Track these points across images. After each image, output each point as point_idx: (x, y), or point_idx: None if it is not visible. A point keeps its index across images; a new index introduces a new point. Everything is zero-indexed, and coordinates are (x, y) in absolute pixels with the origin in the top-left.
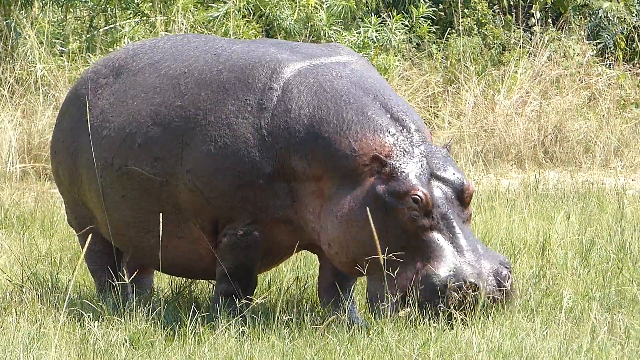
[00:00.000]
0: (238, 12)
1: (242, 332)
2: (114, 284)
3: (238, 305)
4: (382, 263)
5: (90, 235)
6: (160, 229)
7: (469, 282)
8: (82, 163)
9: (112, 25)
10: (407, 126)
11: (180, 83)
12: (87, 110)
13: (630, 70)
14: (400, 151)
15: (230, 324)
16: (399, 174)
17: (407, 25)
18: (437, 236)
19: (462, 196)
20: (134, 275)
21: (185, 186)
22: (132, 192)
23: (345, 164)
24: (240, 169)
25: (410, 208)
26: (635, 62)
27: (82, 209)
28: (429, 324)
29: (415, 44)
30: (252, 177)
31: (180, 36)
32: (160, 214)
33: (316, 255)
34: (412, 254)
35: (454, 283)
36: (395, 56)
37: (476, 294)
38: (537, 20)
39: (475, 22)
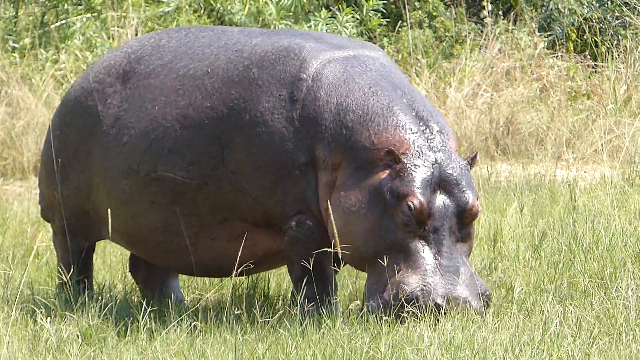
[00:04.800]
0: (189, 6)
1: (193, 327)
2: (65, 280)
3: (322, 306)
4: (371, 259)
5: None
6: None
7: (436, 303)
8: (98, 172)
9: (63, 22)
10: (430, 126)
11: (205, 83)
12: (99, 119)
13: (581, 62)
14: (416, 152)
15: (181, 319)
16: (405, 174)
17: (357, 19)
18: (423, 247)
19: (463, 215)
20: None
21: (232, 187)
22: (163, 197)
23: (363, 155)
24: (279, 163)
25: (404, 213)
26: (586, 53)
27: (92, 218)
28: (381, 317)
29: (366, 37)
30: (288, 169)
31: (183, 31)
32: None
33: None
34: (395, 256)
35: (421, 299)
36: None
37: (439, 315)
38: (489, 12)
39: (426, 15)
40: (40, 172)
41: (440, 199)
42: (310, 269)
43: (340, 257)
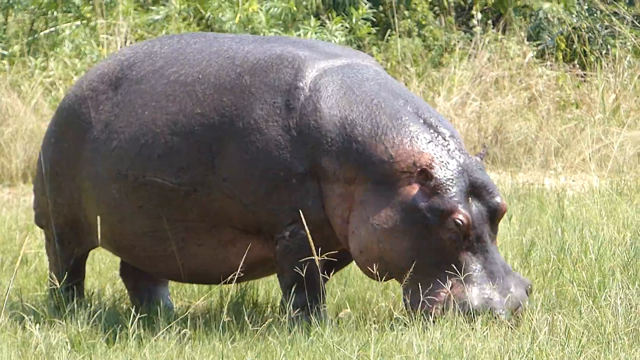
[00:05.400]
0: (178, 15)
1: (182, 334)
2: (55, 287)
3: (312, 314)
4: (416, 275)
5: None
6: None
7: (499, 316)
8: (88, 177)
9: (52, 29)
10: (441, 132)
11: (196, 90)
12: (92, 126)
13: (570, 71)
14: (441, 162)
15: (170, 326)
16: (443, 191)
17: (347, 27)
18: (471, 258)
19: (495, 216)
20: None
21: (223, 194)
22: (151, 202)
23: (382, 170)
24: (273, 171)
25: (451, 230)
26: (575, 63)
27: (83, 225)
28: (370, 325)
29: (355, 46)
30: (285, 177)
31: (176, 37)
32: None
33: None
34: (444, 272)
35: (484, 313)
36: None
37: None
38: (478, 21)
39: (415, 24)
40: (35, 179)
41: (475, 206)
42: (302, 277)
43: (362, 270)
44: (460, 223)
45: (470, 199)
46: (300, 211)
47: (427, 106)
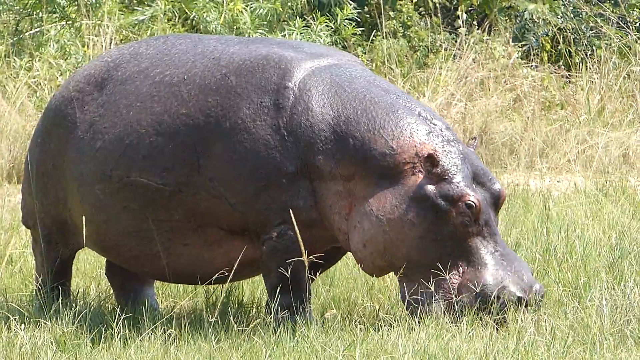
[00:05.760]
0: (164, 15)
1: (168, 334)
2: (42, 288)
3: (298, 315)
4: (426, 265)
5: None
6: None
7: (517, 297)
8: (73, 177)
9: (38, 29)
10: (436, 124)
11: (181, 90)
12: (77, 126)
13: (555, 72)
14: (444, 151)
15: (156, 326)
16: (450, 177)
17: (332, 28)
18: (482, 243)
19: (497, 202)
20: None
21: (209, 194)
22: (136, 202)
23: (383, 163)
24: (263, 171)
25: (463, 213)
26: (560, 64)
27: (69, 226)
28: (355, 325)
29: (340, 46)
30: (275, 177)
31: (162, 39)
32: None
33: None
34: (456, 258)
35: (503, 295)
36: None
37: (517, 307)
38: (463, 22)
39: (400, 25)
40: (23, 180)
41: (479, 192)
42: (288, 277)
43: (361, 265)
44: (473, 204)
45: (474, 185)
46: (290, 211)
47: (418, 102)
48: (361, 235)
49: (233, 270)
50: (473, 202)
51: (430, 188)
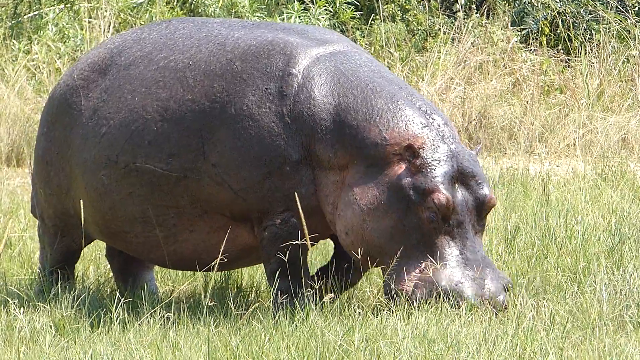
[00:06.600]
0: None
1: (167, 318)
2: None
3: (297, 300)
4: (394, 255)
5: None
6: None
7: (468, 302)
8: (77, 164)
9: (36, 12)
10: (435, 119)
11: (187, 76)
12: (81, 113)
13: (554, 56)
14: (432, 145)
15: (155, 311)
16: (427, 170)
17: (330, 12)
18: (448, 242)
19: (481, 208)
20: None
21: (212, 180)
22: (141, 188)
23: (374, 152)
24: (267, 158)
25: (430, 209)
26: (559, 48)
27: (72, 217)
28: (354, 310)
29: (339, 30)
30: (278, 164)
31: (164, 23)
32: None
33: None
34: (420, 253)
35: (453, 297)
36: None
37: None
38: (461, 6)
39: (399, 8)
40: (33, 170)
41: (460, 193)
42: (286, 262)
43: (349, 254)
44: (439, 202)
45: (457, 185)
46: (294, 198)
47: (421, 95)
48: (344, 224)
49: (233, 257)
50: (440, 200)
51: (407, 179)
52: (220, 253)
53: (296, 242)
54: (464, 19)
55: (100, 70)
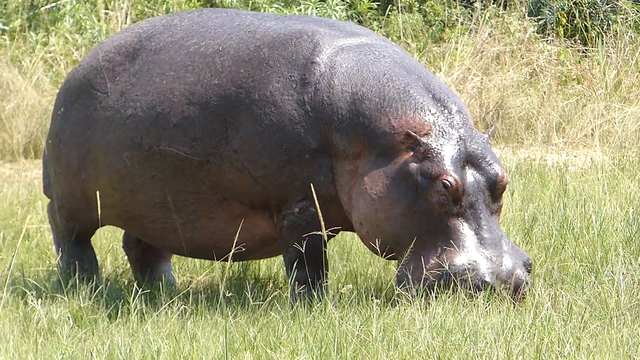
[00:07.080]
0: None
1: (184, 309)
2: (60, 263)
3: (315, 290)
4: (409, 243)
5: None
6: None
7: (484, 281)
8: (101, 145)
9: (53, 4)
10: (448, 107)
11: (215, 61)
12: (107, 95)
13: (571, 47)
14: (439, 131)
15: (172, 302)
16: (434, 155)
17: (347, 2)
18: (462, 224)
19: (494, 187)
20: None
21: (232, 166)
22: (163, 172)
23: (383, 141)
24: (287, 145)
25: (440, 192)
26: (577, 38)
27: (79, 201)
28: (372, 300)
29: (356, 20)
30: (298, 152)
31: (196, 12)
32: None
33: None
34: (435, 238)
35: (469, 277)
36: None
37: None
38: None
39: None
40: (45, 148)
41: (471, 174)
42: (305, 252)
43: (366, 245)
44: (449, 184)
45: (467, 168)
46: (311, 187)
47: (441, 84)
48: (358, 214)
49: (250, 247)
50: (449, 181)
51: (414, 165)
52: (235, 242)
53: (315, 232)
54: (481, 9)
55: (128, 54)
